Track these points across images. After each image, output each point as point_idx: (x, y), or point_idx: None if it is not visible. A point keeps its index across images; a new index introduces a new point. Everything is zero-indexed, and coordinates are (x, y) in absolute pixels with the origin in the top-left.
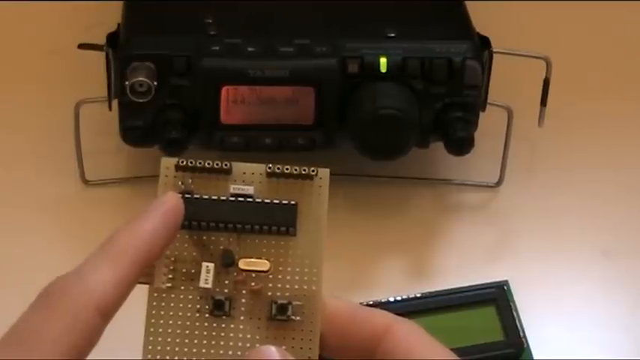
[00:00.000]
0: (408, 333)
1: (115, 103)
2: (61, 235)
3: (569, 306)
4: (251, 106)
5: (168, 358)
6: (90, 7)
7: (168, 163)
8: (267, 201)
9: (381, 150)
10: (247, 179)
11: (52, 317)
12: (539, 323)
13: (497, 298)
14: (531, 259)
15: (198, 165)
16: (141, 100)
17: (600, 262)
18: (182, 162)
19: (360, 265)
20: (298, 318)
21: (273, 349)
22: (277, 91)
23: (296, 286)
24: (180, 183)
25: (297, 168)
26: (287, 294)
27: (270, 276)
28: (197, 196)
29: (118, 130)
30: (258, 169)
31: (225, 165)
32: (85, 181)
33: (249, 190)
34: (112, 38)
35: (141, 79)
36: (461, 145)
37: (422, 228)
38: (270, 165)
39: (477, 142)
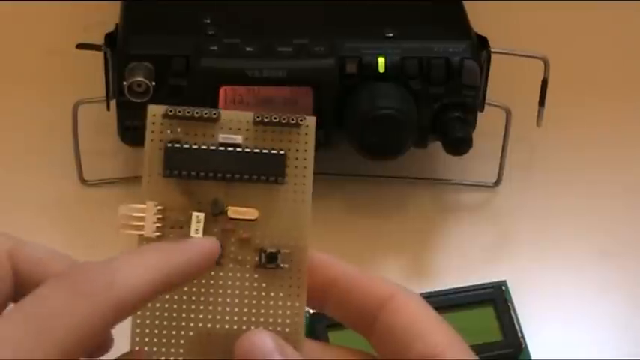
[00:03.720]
0: (411, 305)
1: (113, 103)
2: (59, 234)
3: (567, 306)
4: (249, 107)
5: (158, 305)
6: (88, 8)
7: (155, 110)
8: (255, 151)
9: (379, 150)
10: (235, 127)
11: (75, 303)
12: (537, 323)
13: (495, 298)
14: (529, 259)
15: (186, 114)
16: (139, 100)
17: (598, 262)
18: (170, 111)
19: (358, 265)
20: (286, 266)
21: (264, 334)
22: (275, 91)
23: (284, 235)
24: (168, 132)
25: (285, 117)
26: (275, 242)
27: (259, 225)
28: (186, 145)
29: (116, 131)
30: (246, 117)
31: (214, 114)
32: (83, 181)
33: (238, 139)
34: (111, 38)
35: (139, 79)
36: (459, 145)
37: (420, 228)
38: (259, 115)
39: (475, 142)
